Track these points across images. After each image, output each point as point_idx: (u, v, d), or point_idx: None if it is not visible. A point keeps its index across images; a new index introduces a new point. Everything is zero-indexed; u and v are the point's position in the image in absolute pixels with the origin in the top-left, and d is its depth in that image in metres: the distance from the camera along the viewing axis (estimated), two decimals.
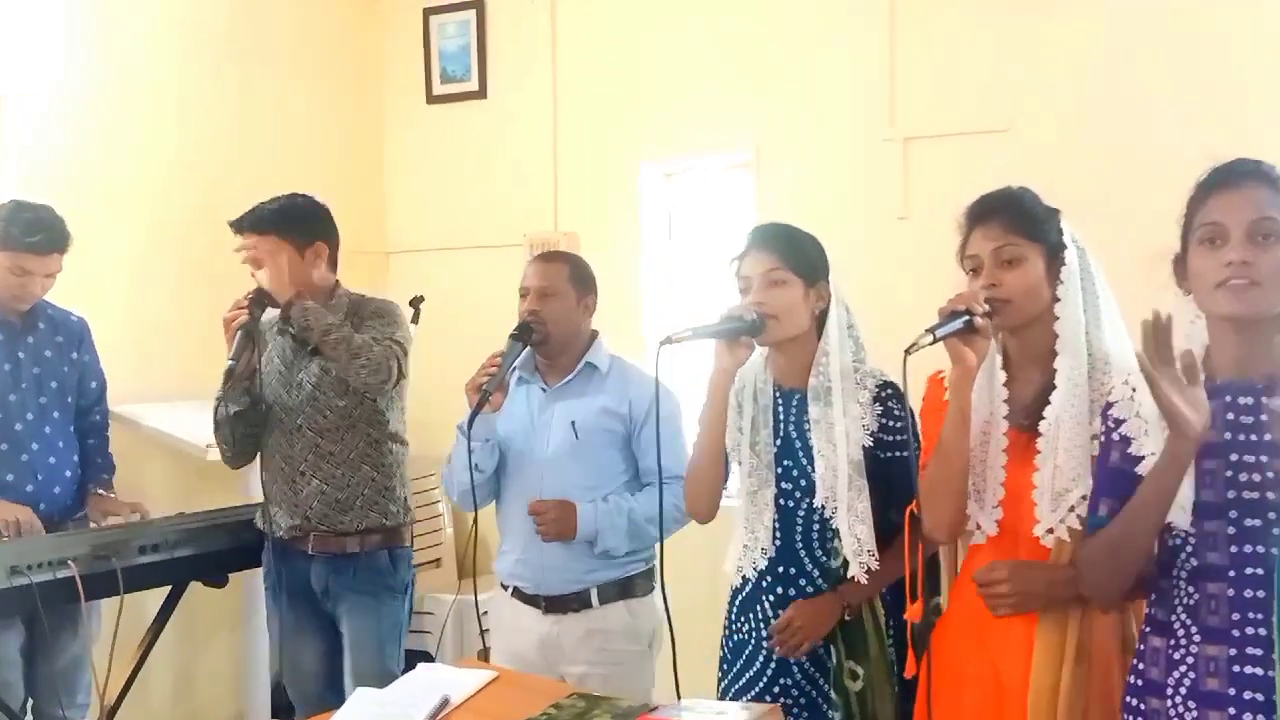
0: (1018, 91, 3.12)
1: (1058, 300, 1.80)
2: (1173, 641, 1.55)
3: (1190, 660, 1.52)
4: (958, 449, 1.80)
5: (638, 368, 2.63)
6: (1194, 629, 1.53)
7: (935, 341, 1.71)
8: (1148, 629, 1.62)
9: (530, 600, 2.56)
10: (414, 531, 2.87)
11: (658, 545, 2.56)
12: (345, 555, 2.70)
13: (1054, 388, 1.77)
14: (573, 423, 2.51)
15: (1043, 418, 1.77)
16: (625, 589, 2.52)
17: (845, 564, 2.03)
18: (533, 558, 2.53)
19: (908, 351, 1.68)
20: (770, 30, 3.53)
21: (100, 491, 2.98)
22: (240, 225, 2.68)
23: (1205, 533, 1.51)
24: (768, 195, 3.53)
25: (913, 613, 1.86)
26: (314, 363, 2.68)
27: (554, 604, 2.53)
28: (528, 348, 2.51)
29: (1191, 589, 1.53)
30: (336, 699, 2.34)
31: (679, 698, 2.01)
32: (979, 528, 1.84)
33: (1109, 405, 1.65)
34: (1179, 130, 2.88)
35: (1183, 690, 1.52)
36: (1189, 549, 1.54)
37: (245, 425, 2.71)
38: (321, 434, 2.69)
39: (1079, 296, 1.80)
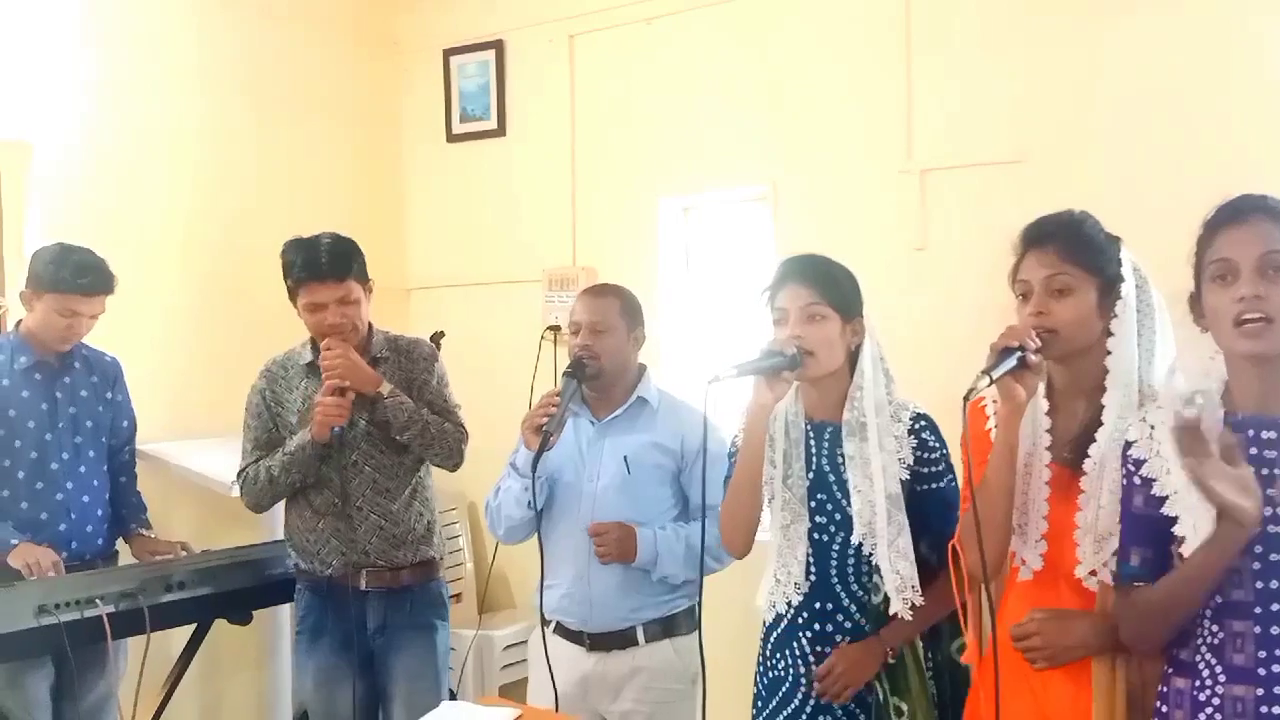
0: (1033, 123, 3.13)
1: (1110, 334, 1.74)
2: (1197, 682, 1.51)
3: (1216, 702, 1.48)
4: (1004, 486, 1.75)
5: (687, 403, 2.60)
6: (1219, 669, 1.49)
7: (993, 384, 1.66)
8: (1169, 669, 1.57)
9: (573, 636, 2.52)
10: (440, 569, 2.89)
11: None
12: (400, 588, 2.72)
13: (1100, 424, 1.72)
14: (625, 457, 2.50)
15: (1087, 455, 1.73)
16: (669, 627, 2.49)
17: (885, 600, 1.99)
18: (580, 592, 2.50)
19: (966, 397, 1.64)
20: (786, 64, 3.55)
21: (143, 532, 3.02)
22: (325, 274, 2.60)
23: (1230, 569, 1.47)
24: (785, 229, 3.54)
25: (970, 654, 1.83)
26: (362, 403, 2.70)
27: (599, 641, 2.50)
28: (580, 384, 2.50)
29: (1216, 627, 1.50)
30: None
31: None
32: (1024, 562, 1.80)
33: (1127, 445, 1.61)
34: (1194, 160, 2.87)
35: None
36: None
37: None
38: (379, 470, 2.71)
39: (1134, 331, 1.74)
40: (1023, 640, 1.77)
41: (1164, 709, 1.57)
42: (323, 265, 2.61)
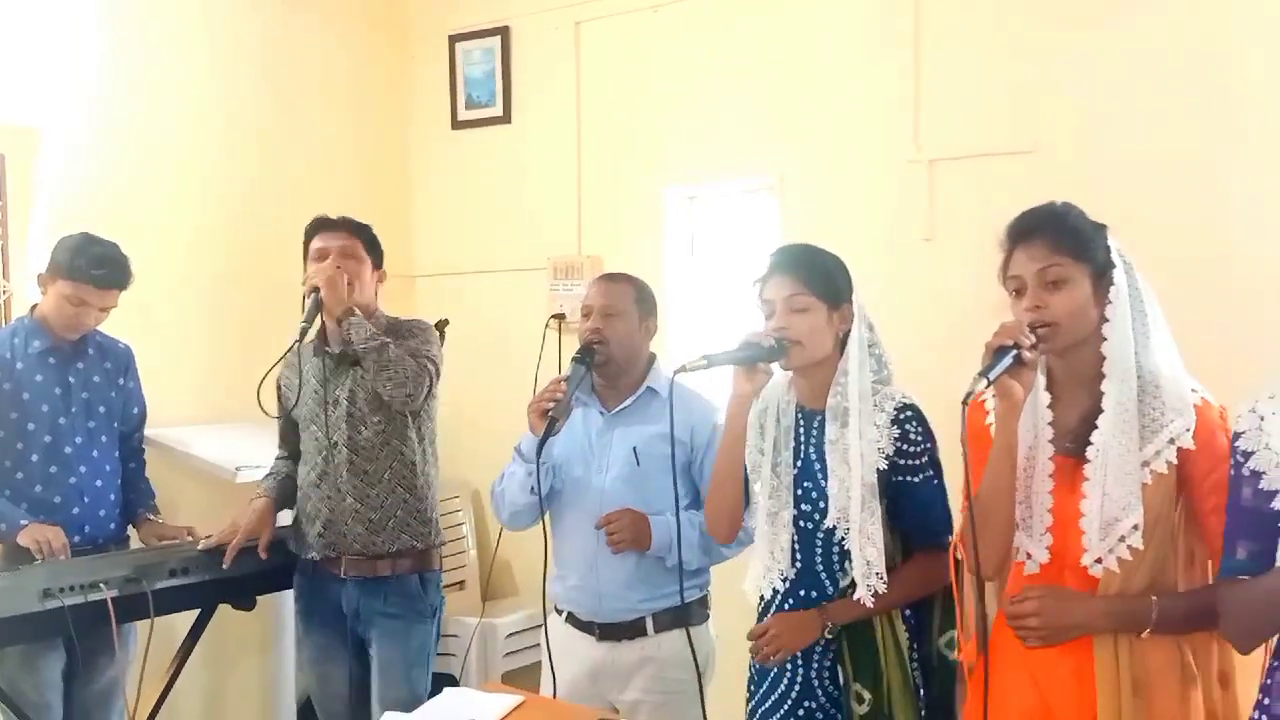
0: (1042, 112, 3.12)
1: (1105, 321, 1.73)
2: None
3: None
4: (1005, 485, 1.74)
5: (698, 394, 2.59)
6: None
7: (990, 385, 1.66)
8: (1276, 663, 1.52)
9: (584, 627, 2.53)
10: (442, 554, 2.88)
11: (710, 572, 2.57)
12: (376, 578, 2.72)
13: (1101, 411, 1.71)
14: (634, 449, 2.49)
15: (1090, 443, 1.72)
16: (680, 617, 2.47)
17: (852, 585, 2.00)
18: (589, 584, 2.50)
19: (965, 400, 1.65)
20: (793, 53, 3.54)
21: (150, 517, 3.06)
22: (337, 225, 2.79)
23: None
24: (792, 218, 3.53)
25: (968, 653, 1.82)
26: (349, 378, 2.72)
27: (608, 631, 2.50)
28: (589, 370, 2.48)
29: None
30: None
31: None
32: (1029, 556, 1.78)
33: (1236, 436, 1.55)
34: (1203, 148, 2.86)
35: None
36: None
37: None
38: (357, 451, 2.71)
39: (1128, 317, 1.73)
40: (1018, 618, 1.75)
41: (1266, 701, 1.52)
42: (332, 219, 2.82)
